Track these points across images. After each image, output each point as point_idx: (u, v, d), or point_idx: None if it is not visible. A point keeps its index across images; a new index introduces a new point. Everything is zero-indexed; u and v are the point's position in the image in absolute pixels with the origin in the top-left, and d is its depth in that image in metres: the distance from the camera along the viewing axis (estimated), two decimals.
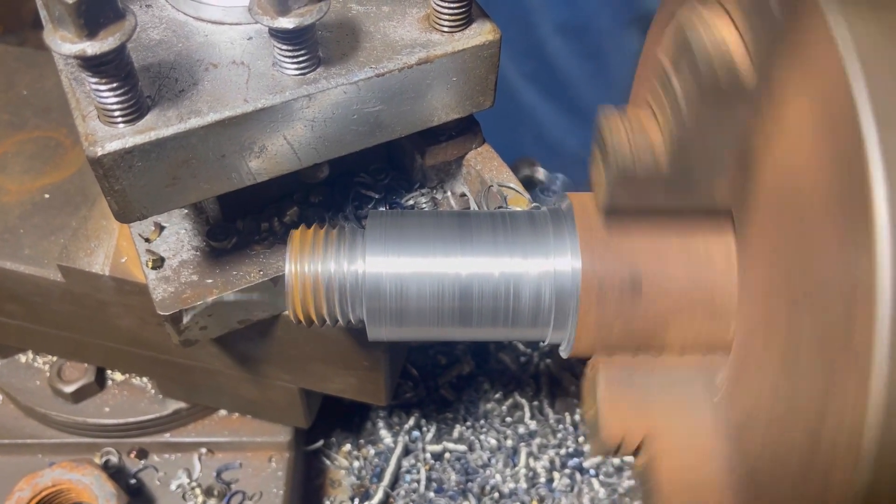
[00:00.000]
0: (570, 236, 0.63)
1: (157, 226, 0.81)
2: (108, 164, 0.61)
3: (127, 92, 0.60)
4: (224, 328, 0.80)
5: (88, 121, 0.62)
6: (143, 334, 0.94)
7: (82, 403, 1.09)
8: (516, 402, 1.25)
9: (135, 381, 1.11)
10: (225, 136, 0.64)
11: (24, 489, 0.97)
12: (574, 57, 1.74)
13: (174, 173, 0.64)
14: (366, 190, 0.85)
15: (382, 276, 0.62)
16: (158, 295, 0.76)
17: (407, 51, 0.69)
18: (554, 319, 0.64)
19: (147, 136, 0.61)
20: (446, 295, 0.63)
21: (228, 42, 0.68)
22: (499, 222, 0.65)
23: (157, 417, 1.09)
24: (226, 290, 0.76)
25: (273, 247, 0.80)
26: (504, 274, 0.63)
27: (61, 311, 0.95)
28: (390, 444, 1.20)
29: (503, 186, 0.79)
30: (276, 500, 1.08)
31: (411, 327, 0.65)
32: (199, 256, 0.79)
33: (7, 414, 1.12)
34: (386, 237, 0.63)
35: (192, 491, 1.08)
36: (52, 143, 1.04)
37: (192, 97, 0.64)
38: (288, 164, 0.69)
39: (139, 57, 0.66)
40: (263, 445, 1.11)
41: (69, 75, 0.65)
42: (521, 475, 1.16)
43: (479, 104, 0.77)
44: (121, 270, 0.85)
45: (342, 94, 0.67)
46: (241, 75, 0.66)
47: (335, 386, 0.96)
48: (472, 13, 0.71)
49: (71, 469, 0.99)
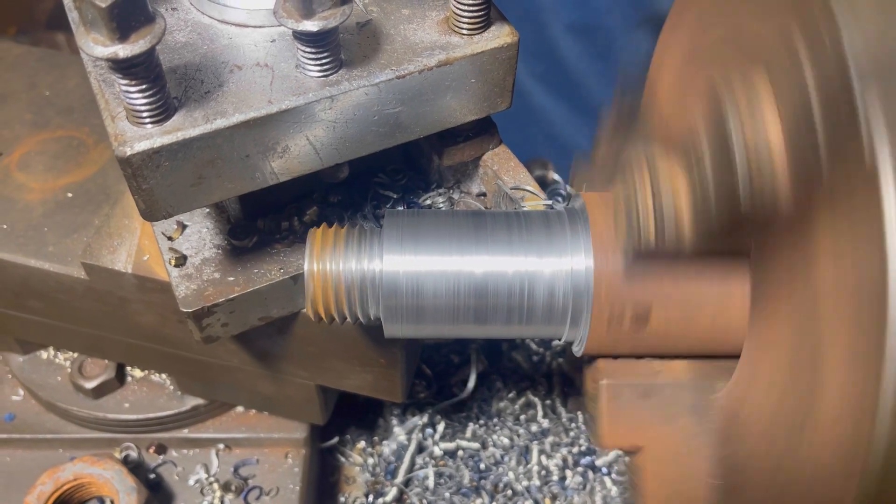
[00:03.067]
0: (584, 235, 0.64)
1: (179, 224, 0.82)
2: (136, 164, 0.62)
3: (156, 93, 0.61)
4: (245, 325, 0.81)
5: (117, 121, 0.63)
6: (163, 331, 0.96)
7: (103, 399, 1.11)
8: (529, 400, 1.26)
9: (154, 378, 1.13)
10: (249, 137, 0.66)
11: (46, 483, 0.99)
12: (585, 57, 1.74)
13: (200, 173, 0.66)
14: (384, 190, 0.86)
15: (399, 275, 0.64)
16: (181, 292, 0.77)
17: (427, 53, 0.70)
18: (567, 318, 0.65)
19: (174, 136, 0.63)
20: (461, 293, 0.64)
21: (252, 45, 0.70)
22: (513, 221, 0.66)
23: (175, 413, 1.10)
24: (247, 288, 0.78)
25: (293, 245, 0.81)
26: (518, 272, 0.64)
27: (83, 307, 0.97)
28: (404, 442, 1.21)
29: (518, 189, 0.80)
30: (293, 495, 1.09)
31: (427, 325, 0.66)
32: (221, 255, 0.80)
33: (28, 409, 1.14)
34: (402, 236, 0.65)
35: (209, 486, 1.09)
36: (75, 142, 1.06)
37: (217, 98, 0.65)
38: (310, 164, 0.71)
39: (166, 59, 0.67)
40: (280, 442, 1.12)
41: (98, 77, 0.67)
42: (533, 473, 1.17)
43: (497, 105, 0.78)
44: (143, 268, 0.87)
45: (363, 95, 0.68)
46: (265, 77, 0.67)
47: (352, 383, 0.97)
48: (490, 16, 0.72)
49: (92, 463, 1.01)
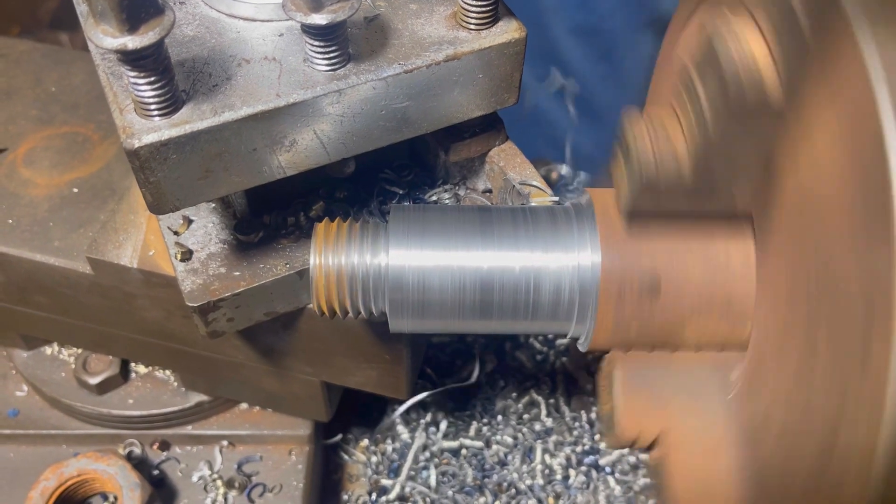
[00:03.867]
0: (591, 232, 0.64)
1: (185, 219, 0.82)
2: (144, 156, 0.62)
3: (164, 86, 0.61)
4: (250, 320, 0.81)
5: (125, 114, 0.63)
6: (168, 327, 0.96)
7: (107, 395, 1.11)
8: (532, 399, 1.26)
9: (158, 374, 1.13)
10: (257, 130, 0.66)
11: (50, 479, 0.99)
12: (588, 59, 1.74)
13: (207, 166, 0.66)
14: (390, 186, 0.86)
15: (405, 269, 0.64)
16: (187, 287, 0.77)
17: (434, 48, 0.70)
18: (573, 313, 0.65)
19: (182, 129, 0.63)
20: (467, 288, 0.64)
21: (260, 38, 0.70)
22: (519, 217, 0.66)
23: (179, 410, 1.10)
24: (253, 283, 0.78)
25: (299, 241, 0.81)
26: (524, 268, 0.64)
27: (88, 303, 0.97)
28: (407, 440, 1.21)
29: (526, 184, 0.80)
30: (296, 492, 1.09)
31: (432, 320, 0.66)
32: (227, 249, 0.80)
33: (33, 405, 1.14)
34: (409, 231, 0.65)
35: (213, 483, 1.09)
36: (80, 138, 1.06)
37: (225, 92, 0.65)
38: (317, 158, 0.71)
39: (174, 52, 0.67)
40: (284, 439, 1.12)
41: (106, 70, 0.67)
42: (537, 472, 1.17)
43: (504, 101, 0.78)
44: (149, 263, 0.87)
45: (371, 89, 0.68)
46: (273, 71, 0.67)
47: (356, 379, 0.97)
48: (498, 11, 0.72)
49: (96, 459, 1.01)
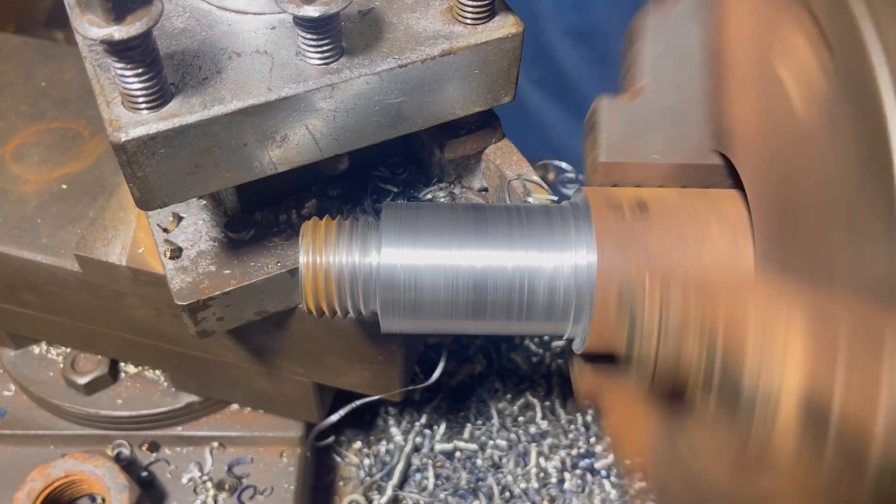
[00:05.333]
0: (586, 230, 0.63)
1: (175, 216, 0.81)
2: (131, 150, 0.61)
3: (152, 78, 0.60)
4: (240, 319, 0.80)
5: (113, 107, 0.62)
6: (157, 326, 0.94)
7: (95, 395, 1.09)
8: (528, 402, 1.25)
9: (148, 374, 1.11)
10: (248, 125, 0.64)
11: (37, 480, 0.97)
12: (582, 62, 1.74)
13: (196, 161, 0.64)
14: (384, 184, 0.85)
15: (397, 268, 0.62)
16: (176, 285, 0.76)
17: (430, 42, 0.69)
18: (569, 314, 0.64)
19: (171, 122, 0.61)
20: (460, 287, 0.62)
21: (252, 31, 0.68)
22: (514, 215, 0.65)
23: (169, 411, 1.08)
24: (243, 282, 0.76)
25: (291, 239, 0.79)
26: (518, 267, 0.62)
27: (77, 301, 0.95)
28: (401, 443, 1.20)
29: (525, 180, 0.79)
30: (287, 495, 1.08)
31: (425, 319, 0.65)
32: (217, 247, 0.79)
33: (20, 405, 1.12)
34: (401, 229, 0.63)
35: (203, 484, 1.07)
36: (70, 133, 1.04)
37: (215, 85, 0.64)
38: (309, 153, 0.69)
39: (163, 45, 0.66)
40: (275, 440, 1.11)
41: (93, 62, 0.65)
42: (532, 475, 1.16)
43: (500, 98, 0.76)
44: (138, 261, 0.85)
45: (365, 84, 0.67)
46: (265, 64, 0.66)
47: (349, 380, 0.95)
48: (495, 6, 0.71)
49: (83, 460, 0.99)
